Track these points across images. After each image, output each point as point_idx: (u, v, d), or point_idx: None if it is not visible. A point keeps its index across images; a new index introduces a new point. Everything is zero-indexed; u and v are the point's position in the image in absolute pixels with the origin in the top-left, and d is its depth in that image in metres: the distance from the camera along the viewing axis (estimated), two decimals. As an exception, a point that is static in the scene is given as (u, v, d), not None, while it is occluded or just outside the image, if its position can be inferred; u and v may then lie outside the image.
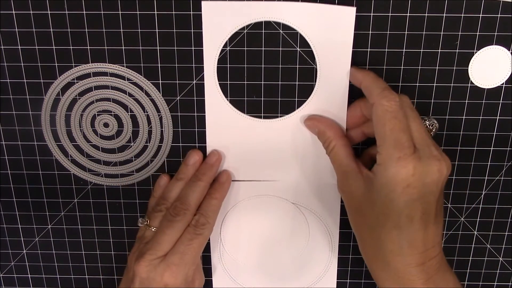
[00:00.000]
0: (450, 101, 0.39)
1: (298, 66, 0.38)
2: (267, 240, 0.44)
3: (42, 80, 0.39)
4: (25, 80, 0.39)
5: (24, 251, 0.45)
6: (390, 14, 0.36)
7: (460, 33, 0.37)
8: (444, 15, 0.36)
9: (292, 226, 0.44)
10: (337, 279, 0.45)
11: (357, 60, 0.38)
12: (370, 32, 0.37)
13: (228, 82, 0.39)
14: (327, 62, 0.38)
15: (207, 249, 0.44)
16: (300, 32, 0.37)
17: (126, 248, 0.45)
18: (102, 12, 0.37)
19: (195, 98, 0.39)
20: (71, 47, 0.38)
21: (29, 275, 0.46)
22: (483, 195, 0.42)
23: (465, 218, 0.43)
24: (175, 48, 0.38)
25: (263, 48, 0.38)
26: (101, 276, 0.46)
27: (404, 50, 0.38)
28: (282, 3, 0.36)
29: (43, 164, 0.42)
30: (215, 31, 0.37)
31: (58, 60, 0.38)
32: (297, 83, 0.39)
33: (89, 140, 0.41)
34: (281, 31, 0.37)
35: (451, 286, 0.34)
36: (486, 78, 0.38)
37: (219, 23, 0.37)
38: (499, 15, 0.36)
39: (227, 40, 0.37)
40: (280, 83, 0.39)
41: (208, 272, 0.45)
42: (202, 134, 0.40)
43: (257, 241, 0.44)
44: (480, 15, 0.36)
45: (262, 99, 0.39)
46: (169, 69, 0.38)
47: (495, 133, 0.40)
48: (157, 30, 0.37)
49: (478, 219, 0.43)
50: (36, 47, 0.38)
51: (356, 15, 0.36)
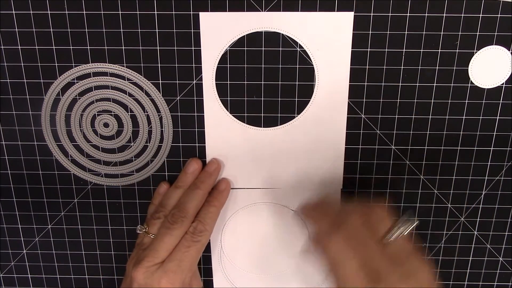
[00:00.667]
0: (450, 101, 0.39)
1: (298, 66, 0.38)
2: (267, 246, 0.44)
3: (42, 80, 0.39)
4: (25, 80, 0.39)
5: (24, 251, 0.45)
6: (390, 14, 0.36)
7: (460, 33, 0.37)
8: (444, 15, 0.36)
9: (292, 232, 0.44)
10: (337, 279, 0.45)
11: (357, 60, 0.38)
12: (370, 32, 0.37)
13: (228, 82, 0.39)
14: (327, 65, 0.38)
15: (207, 249, 0.44)
16: (299, 42, 0.37)
17: (126, 248, 0.45)
18: (102, 12, 0.37)
19: (195, 98, 0.39)
20: (71, 47, 0.38)
21: (29, 275, 0.46)
22: (483, 195, 0.42)
23: (465, 218, 0.43)
24: (175, 48, 0.38)
25: (263, 48, 0.38)
26: (101, 276, 0.46)
27: (404, 50, 0.38)
28: (280, 13, 0.36)
29: (43, 164, 0.42)
30: (213, 42, 0.37)
31: (58, 60, 0.38)
32: (297, 83, 0.39)
33: (89, 140, 0.41)
34: (281, 33, 0.37)
35: None
36: (486, 78, 0.38)
37: (217, 34, 0.37)
38: (499, 15, 0.36)
39: (227, 49, 0.37)
40: (280, 83, 0.39)
41: (209, 272, 0.45)
42: (202, 134, 0.40)
43: (256, 247, 0.44)
44: (480, 15, 0.36)
45: (262, 99, 0.39)
46: (169, 69, 0.38)
47: (495, 133, 0.40)
48: (157, 30, 0.37)
49: (478, 219, 0.43)
50: (36, 47, 0.38)
51: (355, 16, 0.36)
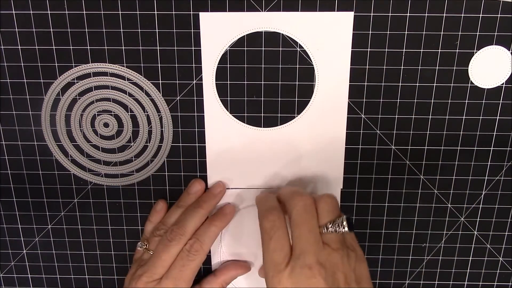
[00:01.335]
0: (450, 101, 0.39)
1: (298, 66, 0.38)
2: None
3: (42, 80, 0.39)
4: (25, 80, 0.39)
5: (24, 251, 0.45)
6: (390, 14, 0.36)
7: (460, 33, 0.37)
8: (444, 15, 0.36)
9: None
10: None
11: (357, 60, 0.38)
12: (370, 32, 0.37)
13: (228, 82, 0.39)
14: (327, 65, 0.38)
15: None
16: (299, 42, 0.37)
17: (126, 248, 0.45)
18: (102, 12, 0.37)
19: (195, 98, 0.39)
20: (71, 47, 0.38)
21: (29, 275, 0.46)
22: (483, 195, 0.42)
23: (465, 218, 0.43)
24: (175, 48, 0.38)
25: (263, 48, 0.38)
26: (101, 276, 0.46)
27: (404, 50, 0.38)
28: (280, 13, 0.36)
29: (43, 164, 0.42)
30: (213, 42, 0.37)
31: (58, 60, 0.38)
32: (297, 83, 0.39)
33: (89, 140, 0.41)
34: (281, 33, 0.37)
35: None
36: (486, 78, 0.38)
37: (217, 34, 0.37)
38: (499, 15, 0.36)
39: (227, 49, 0.37)
40: (280, 83, 0.39)
41: (209, 272, 0.45)
42: (202, 134, 0.40)
43: (257, 247, 0.44)
44: (480, 15, 0.36)
45: (262, 99, 0.39)
46: (169, 69, 0.38)
47: (495, 133, 0.40)
48: (157, 30, 0.37)
49: (478, 219, 0.43)
50: (36, 47, 0.38)
51: (355, 16, 0.36)
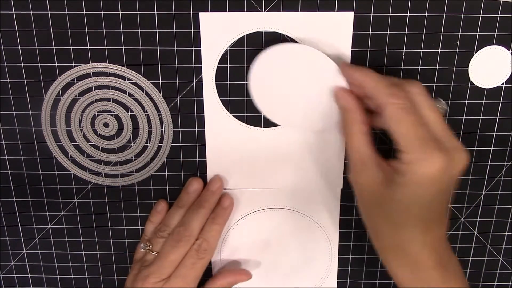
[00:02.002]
0: (450, 101, 0.39)
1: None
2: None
3: (42, 80, 0.39)
4: (25, 80, 0.39)
5: (24, 251, 0.45)
6: (390, 14, 0.36)
7: (460, 33, 0.37)
8: (444, 15, 0.36)
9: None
10: (337, 279, 0.45)
11: (357, 60, 0.38)
12: (370, 32, 0.37)
13: (228, 82, 0.39)
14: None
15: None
16: (299, 42, 0.37)
17: (126, 248, 0.45)
18: (102, 12, 0.37)
19: (195, 98, 0.39)
20: (71, 47, 0.38)
21: (29, 275, 0.46)
22: (483, 195, 0.42)
23: (465, 218, 0.43)
24: (175, 48, 0.38)
25: (263, 48, 0.38)
26: (101, 276, 0.46)
27: (404, 50, 0.38)
28: (280, 13, 0.36)
29: (43, 164, 0.42)
30: (213, 42, 0.37)
31: (58, 60, 0.38)
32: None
33: (89, 140, 0.41)
34: (281, 33, 0.37)
35: (458, 269, 0.35)
36: (486, 78, 0.38)
37: (217, 34, 0.37)
38: (499, 15, 0.36)
39: (227, 49, 0.37)
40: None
41: (209, 272, 0.45)
42: (202, 134, 0.40)
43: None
44: (480, 15, 0.36)
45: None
46: (169, 69, 0.38)
47: (495, 133, 0.40)
48: (157, 30, 0.37)
49: (478, 219, 0.43)
50: (36, 47, 0.38)
51: (355, 16, 0.36)
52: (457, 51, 0.37)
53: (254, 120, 0.40)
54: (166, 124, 0.40)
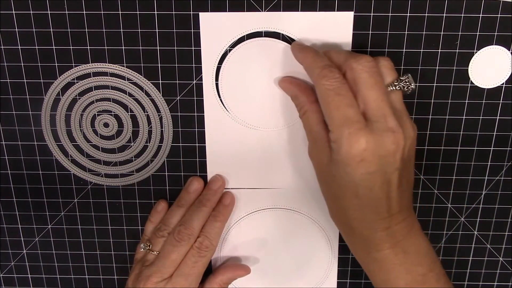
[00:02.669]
0: (450, 101, 0.39)
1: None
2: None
3: (42, 80, 0.39)
4: (25, 80, 0.39)
5: (24, 251, 0.45)
6: (390, 14, 0.36)
7: (460, 33, 0.37)
8: (444, 15, 0.36)
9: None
10: (337, 279, 0.45)
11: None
12: (370, 32, 0.37)
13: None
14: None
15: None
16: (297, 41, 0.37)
17: (126, 248, 0.45)
18: (102, 12, 0.37)
19: (195, 98, 0.39)
20: (71, 47, 0.38)
21: (29, 275, 0.46)
22: (483, 195, 0.42)
23: (465, 218, 0.43)
24: (175, 48, 0.38)
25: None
26: (101, 276, 0.46)
27: (404, 50, 0.37)
28: (280, 13, 0.36)
29: (43, 164, 0.42)
30: (213, 42, 0.37)
31: (58, 60, 0.38)
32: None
33: (89, 140, 0.41)
34: (281, 33, 0.37)
35: (422, 251, 0.34)
36: (486, 78, 0.38)
37: (217, 34, 0.37)
38: (499, 15, 0.36)
39: (227, 48, 0.37)
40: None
41: (209, 272, 0.45)
42: (202, 134, 0.40)
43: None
44: (480, 15, 0.36)
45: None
46: (169, 69, 0.38)
47: (495, 133, 0.40)
48: (157, 30, 0.37)
49: (478, 219, 0.43)
50: (36, 47, 0.38)
51: (355, 16, 0.36)
52: (457, 51, 0.37)
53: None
54: (166, 124, 0.40)
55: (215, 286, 0.43)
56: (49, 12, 0.37)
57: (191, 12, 0.37)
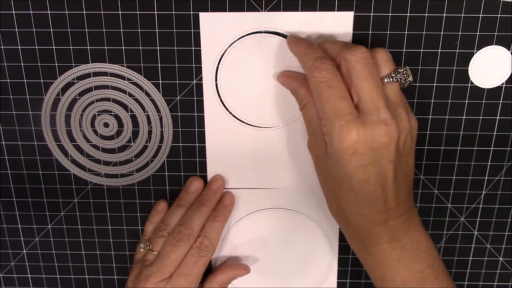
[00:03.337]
0: (450, 101, 0.39)
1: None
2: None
3: (42, 80, 0.39)
4: (25, 80, 0.39)
5: (24, 251, 0.45)
6: (390, 14, 0.36)
7: (460, 33, 0.37)
8: (444, 15, 0.36)
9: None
10: (337, 279, 0.45)
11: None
12: (370, 32, 0.37)
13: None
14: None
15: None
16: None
17: (126, 248, 0.45)
18: (102, 12, 0.37)
19: (195, 98, 0.39)
20: (71, 47, 0.38)
21: (29, 275, 0.46)
22: (483, 195, 0.42)
23: (465, 218, 0.43)
24: (175, 48, 0.38)
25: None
26: (101, 276, 0.46)
27: (404, 50, 0.37)
28: (280, 13, 0.36)
29: (43, 164, 0.42)
30: (213, 42, 0.37)
31: (58, 60, 0.38)
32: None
33: (89, 140, 0.41)
34: (281, 33, 0.37)
35: (421, 248, 0.34)
36: (486, 78, 0.38)
37: (217, 34, 0.37)
38: (499, 15, 0.36)
39: (227, 48, 0.37)
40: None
41: (209, 272, 0.45)
42: (202, 134, 0.40)
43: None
44: (480, 15, 0.36)
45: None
46: (169, 69, 0.38)
47: (495, 133, 0.40)
48: (157, 30, 0.37)
49: (478, 219, 0.43)
50: (36, 47, 0.38)
51: (355, 15, 0.36)
52: (457, 51, 0.37)
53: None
54: (166, 124, 0.40)
55: (215, 286, 0.43)
56: (49, 12, 0.37)
57: (191, 12, 0.37)
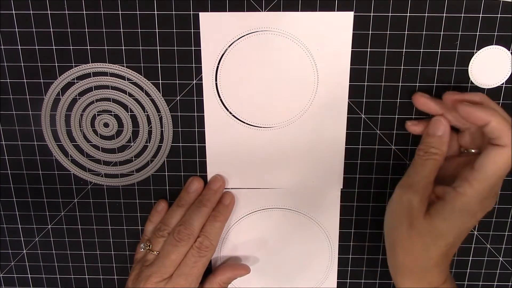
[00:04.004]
0: (450, 101, 0.39)
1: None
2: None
3: (42, 80, 0.39)
4: (25, 80, 0.39)
5: (24, 251, 0.45)
6: (390, 14, 0.36)
7: (460, 33, 0.37)
8: (444, 15, 0.36)
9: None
10: (337, 279, 0.45)
11: (357, 60, 0.38)
12: (370, 32, 0.37)
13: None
14: (327, 65, 0.38)
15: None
16: (299, 42, 0.37)
17: (126, 248, 0.45)
18: (102, 12, 0.37)
19: (195, 98, 0.39)
20: (71, 47, 0.38)
21: (29, 275, 0.46)
22: (483, 195, 0.42)
23: (465, 218, 0.43)
24: (175, 48, 0.38)
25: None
26: (101, 276, 0.46)
27: (404, 50, 0.37)
28: (280, 13, 0.36)
29: (43, 164, 0.42)
30: (213, 42, 0.37)
31: (58, 60, 0.38)
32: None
33: (89, 140, 0.41)
34: (281, 33, 0.37)
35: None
36: (486, 78, 0.38)
37: (217, 34, 0.37)
38: (499, 15, 0.36)
39: (227, 48, 0.37)
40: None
41: (209, 272, 0.45)
42: (202, 134, 0.40)
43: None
44: (480, 15, 0.36)
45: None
46: (169, 69, 0.38)
47: (495, 133, 0.40)
48: (157, 30, 0.37)
49: (478, 219, 0.43)
50: (36, 47, 0.38)
51: (355, 15, 0.36)
52: (457, 51, 0.37)
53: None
54: (166, 124, 0.40)
55: (215, 286, 0.43)
56: (49, 12, 0.37)
57: (191, 12, 0.37)
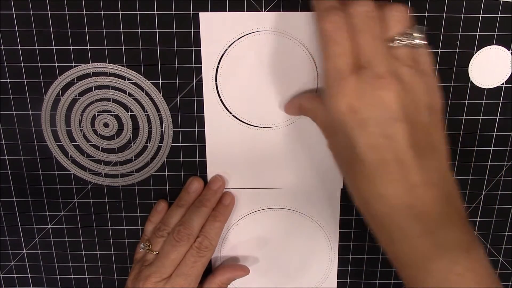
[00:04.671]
0: (450, 101, 0.39)
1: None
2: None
3: (42, 80, 0.39)
4: (25, 80, 0.39)
5: (24, 251, 0.45)
6: (390, 14, 0.36)
7: (460, 33, 0.37)
8: (444, 15, 0.36)
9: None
10: (337, 279, 0.45)
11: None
12: (370, 32, 0.37)
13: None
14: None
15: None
16: (299, 42, 0.37)
17: (126, 248, 0.45)
18: (102, 12, 0.37)
19: (195, 98, 0.39)
20: (71, 47, 0.38)
21: (29, 275, 0.46)
22: (483, 195, 0.42)
23: (465, 218, 0.43)
24: (175, 48, 0.38)
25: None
26: (101, 276, 0.46)
27: (404, 50, 0.37)
28: (280, 13, 0.36)
29: (43, 164, 0.42)
30: (213, 42, 0.37)
31: (58, 60, 0.38)
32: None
33: (89, 140, 0.41)
34: (281, 33, 0.37)
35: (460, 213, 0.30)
36: (486, 78, 0.38)
37: (217, 34, 0.37)
38: (499, 15, 0.36)
39: (227, 48, 0.37)
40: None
41: (208, 272, 0.45)
42: (202, 134, 0.40)
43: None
44: (480, 15, 0.36)
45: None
46: (169, 69, 0.38)
47: (495, 133, 0.40)
48: (157, 30, 0.37)
49: (478, 219, 0.43)
50: (36, 47, 0.38)
51: (356, 15, 0.36)
52: (457, 51, 0.37)
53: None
54: (166, 124, 0.40)
55: (214, 286, 0.43)
56: (49, 12, 0.37)
57: (191, 12, 0.37)
